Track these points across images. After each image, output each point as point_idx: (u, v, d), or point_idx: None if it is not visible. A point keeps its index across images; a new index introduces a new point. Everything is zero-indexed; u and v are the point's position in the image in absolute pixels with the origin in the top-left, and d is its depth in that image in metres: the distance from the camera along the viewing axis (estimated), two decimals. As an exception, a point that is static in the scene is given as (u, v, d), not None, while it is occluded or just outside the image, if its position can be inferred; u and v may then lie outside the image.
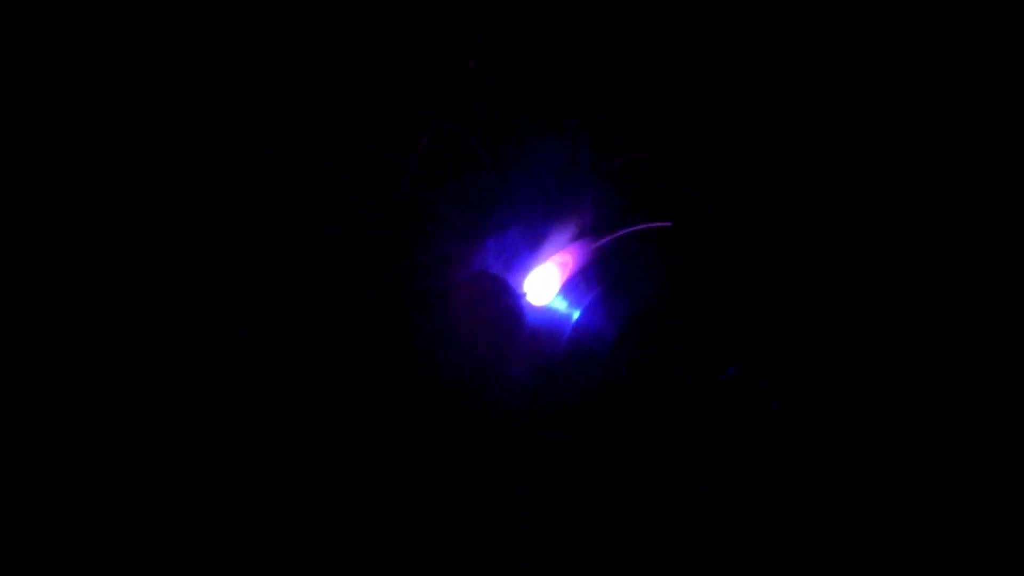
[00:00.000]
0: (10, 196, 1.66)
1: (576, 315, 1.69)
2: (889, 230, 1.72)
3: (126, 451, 1.58)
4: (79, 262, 1.65)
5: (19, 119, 1.69)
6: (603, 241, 1.72)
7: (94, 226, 1.67)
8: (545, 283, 1.72)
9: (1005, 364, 1.66)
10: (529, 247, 1.74)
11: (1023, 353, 1.66)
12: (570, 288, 1.71)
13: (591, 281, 1.71)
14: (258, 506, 1.59)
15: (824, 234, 1.74)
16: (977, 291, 1.69)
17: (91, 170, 1.70)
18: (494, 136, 1.77)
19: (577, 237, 1.74)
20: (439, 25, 1.80)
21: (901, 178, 1.73)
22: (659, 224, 1.65)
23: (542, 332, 1.69)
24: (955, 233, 1.71)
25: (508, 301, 1.69)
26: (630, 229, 1.68)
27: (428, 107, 1.76)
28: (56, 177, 1.69)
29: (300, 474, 1.61)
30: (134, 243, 1.67)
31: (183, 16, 1.76)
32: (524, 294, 1.72)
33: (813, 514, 1.62)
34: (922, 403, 1.66)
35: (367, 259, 1.70)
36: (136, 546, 1.55)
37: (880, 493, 1.62)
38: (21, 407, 1.57)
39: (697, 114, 1.77)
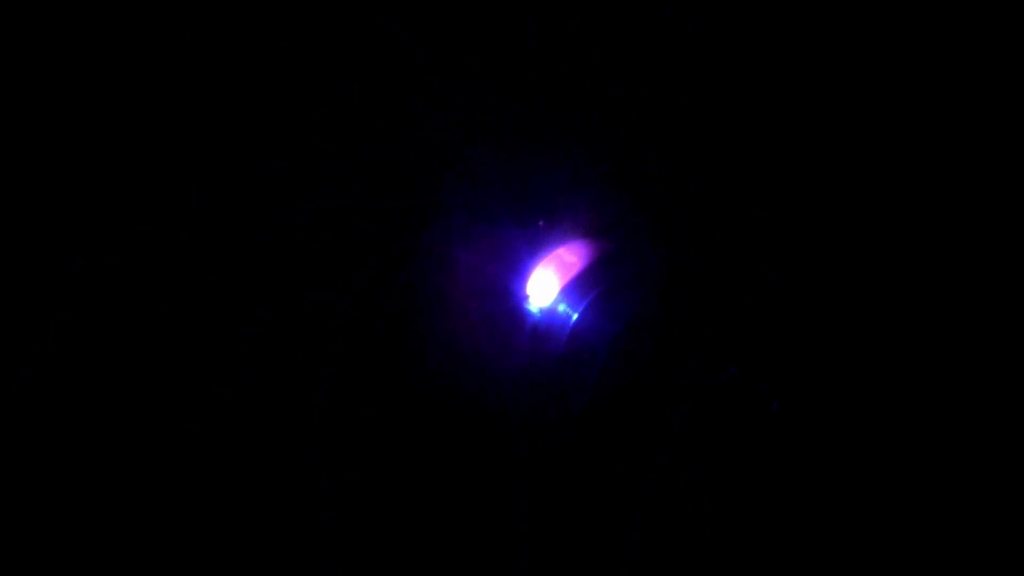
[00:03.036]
0: (9, 194, 1.66)
1: (576, 316, 1.69)
2: (890, 230, 1.72)
3: (125, 451, 1.58)
4: (78, 261, 1.65)
5: (18, 118, 1.69)
6: (603, 241, 1.72)
7: (93, 225, 1.67)
8: (545, 284, 1.72)
9: (1007, 363, 1.66)
10: (529, 248, 1.74)
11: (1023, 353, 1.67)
12: (570, 289, 1.71)
13: (591, 282, 1.71)
14: (257, 506, 1.59)
15: (824, 234, 1.74)
16: (979, 291, 1.69)
17: (90, 169, 1.70)
18: (493, 136, 1.77)
19: (577, 237, 1.74)
20: (439, 25, 1.80)
21: (902, 177, 1.73)
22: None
23: (542, 332, 1.69)
24: (957, 234, 1.71)
25: (508, 302, 1.69)
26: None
27: (424, 106, 1.76)
28: (55, 175, 1.69)
29: (299, 474, 1.61)
30: (133, 243, 1.67)
31: (182, 15, 1.76)
32: (524, 295, 1.72)
33: (814, 514, 1.62)
34: (924, 403, 1.66)
35: (367, 259, 1.70)
36: (134, 546, 1.55)
37: (881, 493, 1.62)
38: (21, 407, 1.57)
39: (697, 113, 1.78)
